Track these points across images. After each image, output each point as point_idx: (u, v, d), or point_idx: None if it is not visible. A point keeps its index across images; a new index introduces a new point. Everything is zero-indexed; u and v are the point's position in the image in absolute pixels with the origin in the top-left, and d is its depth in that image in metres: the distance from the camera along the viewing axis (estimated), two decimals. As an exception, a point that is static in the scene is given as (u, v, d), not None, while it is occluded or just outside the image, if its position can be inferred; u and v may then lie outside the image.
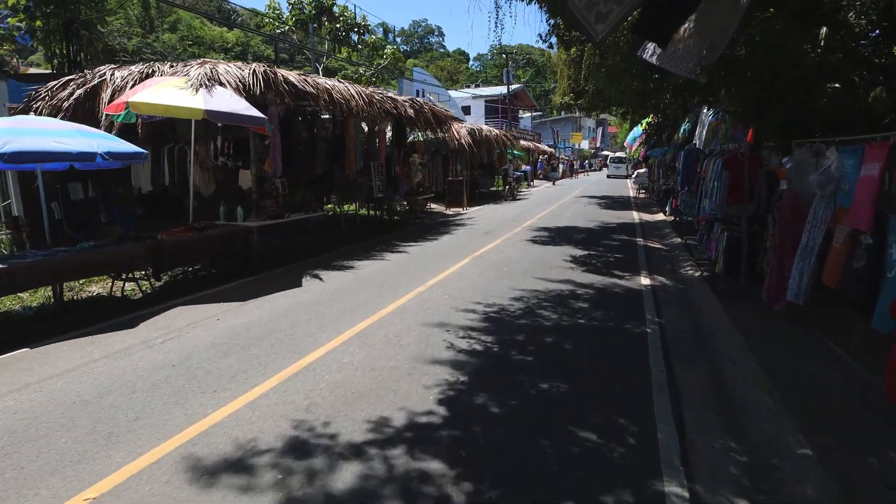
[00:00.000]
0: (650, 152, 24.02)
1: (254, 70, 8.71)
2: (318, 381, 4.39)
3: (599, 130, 67.67)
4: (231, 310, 6.49)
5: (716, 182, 7.59)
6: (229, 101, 7.74)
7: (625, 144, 31.02)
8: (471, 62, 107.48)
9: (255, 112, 7.83)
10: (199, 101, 7.32)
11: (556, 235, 12.57)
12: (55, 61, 12.78)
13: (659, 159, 22.37)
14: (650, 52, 6.79)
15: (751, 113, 7.34)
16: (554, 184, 34.32)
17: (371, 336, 5.52)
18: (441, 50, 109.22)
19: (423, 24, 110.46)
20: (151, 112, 7.30)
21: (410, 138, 18.49)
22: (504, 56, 34.63)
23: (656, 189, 20.83)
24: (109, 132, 7.30)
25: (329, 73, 18.66)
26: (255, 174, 9.82)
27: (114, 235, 7.98)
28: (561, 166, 40.58)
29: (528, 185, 33.10)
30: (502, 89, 42.62)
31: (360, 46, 17.96)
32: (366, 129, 13.56)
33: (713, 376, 4.64)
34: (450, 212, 18.50)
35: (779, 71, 6.10)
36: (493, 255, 10.01)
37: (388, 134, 14.92)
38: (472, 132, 21.11)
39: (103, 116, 7.82)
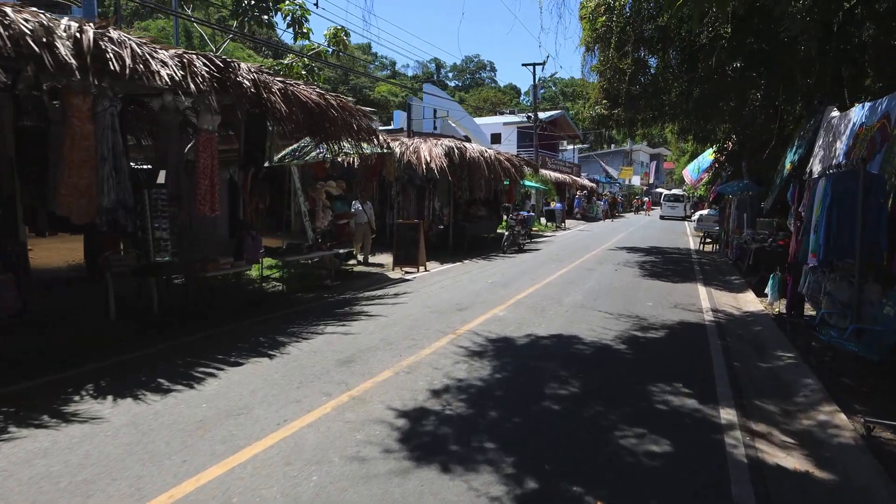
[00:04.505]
0: (722, 188, 15.68)
1: None
2: None
3: (653, 165, 58.42)
4: None
5: None
6: None
7: (683, 176, 22.63)
8: (521, 97, 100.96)
9: None
10: None
11: (500, 387, 4.79)
12: None
13: (739, 197, 14.03)
14: None
15: None
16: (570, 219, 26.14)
17: None
18: (493, 85, 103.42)
19: (476, 60, 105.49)
20: None
21: (341, 155, 11.19)
22: (532, 69, 27.02)
23: (736, 244, 12.55)
24: None
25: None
26: None
27: None
28: (600, 204, 32.21)
29: (557, 228, 25.06)
30: (541, 116, 35.06)
31: (266, 18, 11.21)
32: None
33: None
34: (395, 274, 11.01)
35: None
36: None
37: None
38: (450, 152, 13.65)
39: None
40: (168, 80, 5.05)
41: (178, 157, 6.85)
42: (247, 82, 5.96)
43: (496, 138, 39.46)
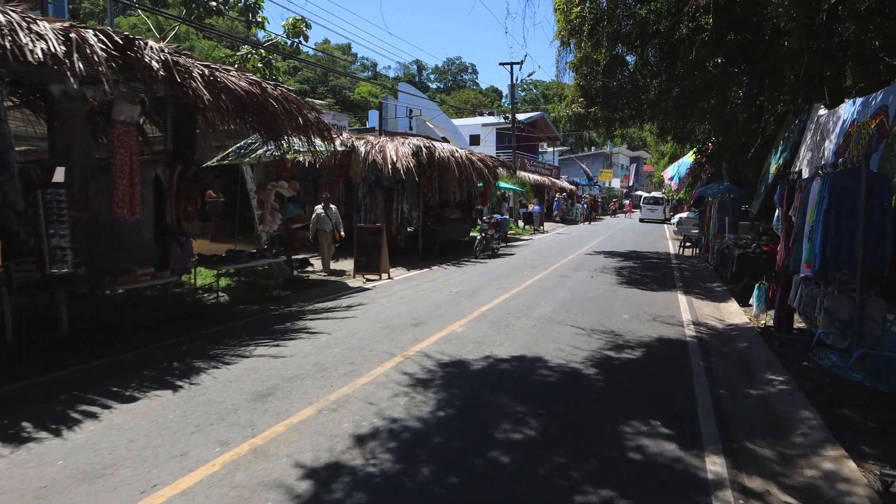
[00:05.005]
0: (703, 190, 15.10)
1: None
2: None
3: (633, 167, 58.31)
4: None
5: None
6: None
7: (663, 177, 22.13)
8: (503, 99, 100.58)
9: None
10: None
11: (441, 431, 3.97)
12: None
13: (720, 200, 13.46)
14: None
15: None
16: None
17: None
18: (474, 87, 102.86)
19: (457, 62, 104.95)
20: None
21: (296, 153, 10.28)
22: (510, 68, 26.31)
23: (717, 249, 11.93)
24: None
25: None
26: None
27: None
28: (579, 206, 31.67)
29: (534, 231, 24.39)
30: (520, 117, 34.43)
31: (214, 4, 10.24)
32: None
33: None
34: (355, 282, 10.14)
35: None
36: None
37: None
38: (417, 152, 12.84)
39: None
40: (42, 56, 4.12)
41: (85, 152, 5.90)
42: (156, 64, 5.05)
43: (475, 139, 38.78)
